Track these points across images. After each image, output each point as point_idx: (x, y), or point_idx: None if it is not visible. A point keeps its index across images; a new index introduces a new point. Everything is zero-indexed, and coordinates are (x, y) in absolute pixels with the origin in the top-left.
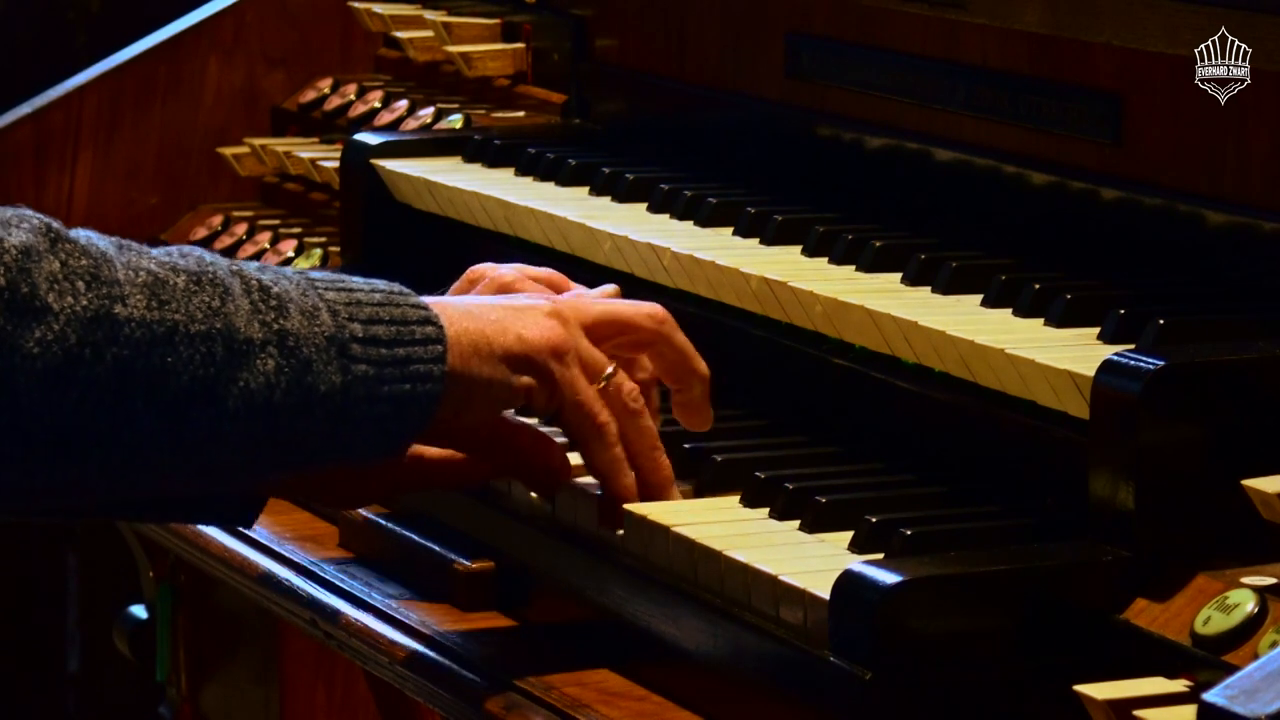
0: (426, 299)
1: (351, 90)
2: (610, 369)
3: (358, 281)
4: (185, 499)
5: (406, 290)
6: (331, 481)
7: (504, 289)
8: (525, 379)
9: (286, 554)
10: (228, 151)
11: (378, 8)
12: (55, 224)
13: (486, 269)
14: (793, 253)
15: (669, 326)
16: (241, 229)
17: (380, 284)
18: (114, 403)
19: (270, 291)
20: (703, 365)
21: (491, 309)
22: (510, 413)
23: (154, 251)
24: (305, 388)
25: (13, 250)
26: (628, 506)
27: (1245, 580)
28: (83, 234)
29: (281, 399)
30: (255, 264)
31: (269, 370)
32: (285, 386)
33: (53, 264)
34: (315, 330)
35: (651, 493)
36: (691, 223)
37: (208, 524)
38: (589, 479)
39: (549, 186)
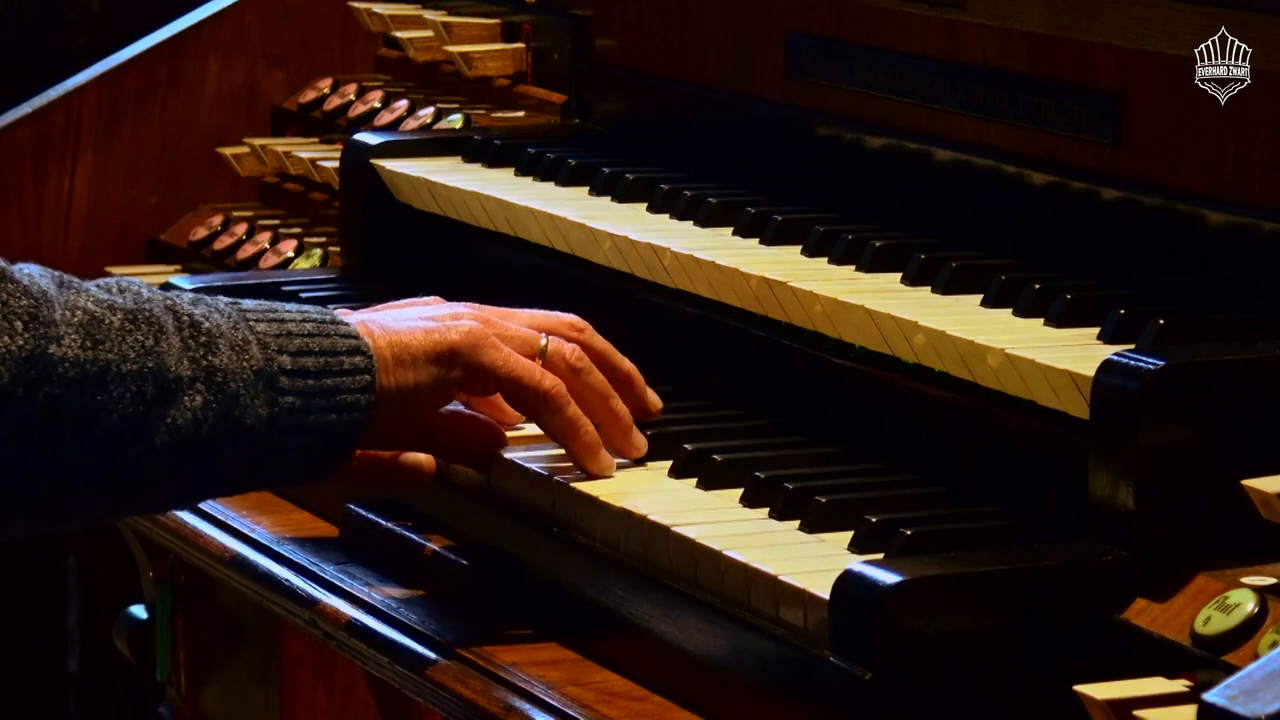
0: (354, 317)
1: (351, 90)
2: (544, 339)
3: (290, 311)
4: None
5: (339, 319)
6: None
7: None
8: (454, 373)
9: (286, 554)
10: (228, 151)
11: (378, 8)
12: (1, 262)
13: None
14: (793, 253)
15: (588, 334)
16: (241, 229)
17: (313, 313)
18: (42, 439)
19: (201, 328)
20: (626, 363)
21: (414, 317)
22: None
23: (93, 288)
24: (232, 422)
25: None
26: (629, 507)
27: (1245, 580)
28: (26, 270)
29: (209, 434)
30: (190, 296)
31: (196, 406)
32: (212, 422)
33: None
34: (244, 365)
35: (616, 442)
36: (691, 223)
37: None
38: (593, 482)
39: (549, 186)
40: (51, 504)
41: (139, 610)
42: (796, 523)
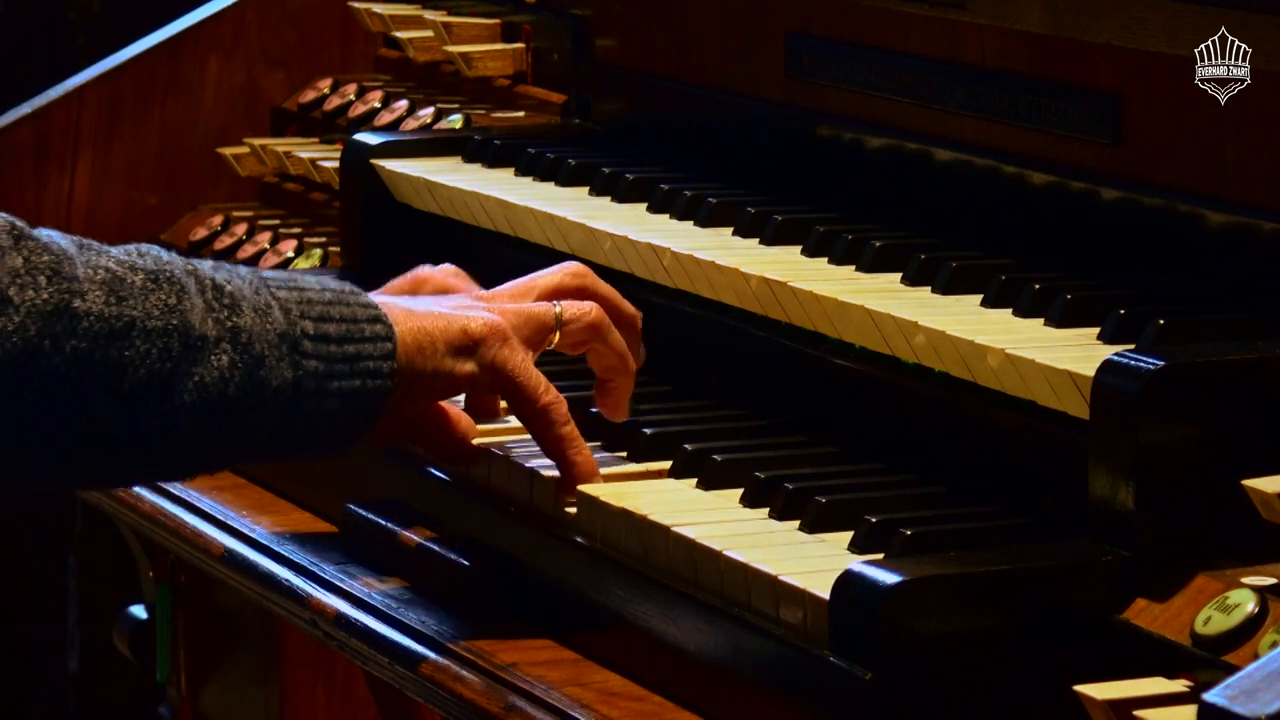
0: (373, 297)
1: (351, 90)
2: (556, 308)
3: (309, 280)
4: None
5: (357, 290)
6: None
7: (444, 290)
8: (468, 367)
9: (286, 554)
10: (228, 151)
11: (378, 8)
12: (18, 223)
13: (430, 273)
14: (793, 253)
15: (590, 278)
16: (241, 229)
17: (331, 283)
18: (72, 393)
19: (224, 290)
20: (631, 307)
21: (435, 304)
22: None
23: (113, 251)
24: (258, 383)
25: None
26: (629, 507)
27: (1245, 580)
28: (45, 233)
29: (235, 393)
30: (210, 263)
31: (223, 365)
32: (239, 381)
33: (15, 260)
34: (268, 327)
35: (620, 400)
36: (691, 223)
37: None
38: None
39: (549, 186)
40: (81, 461)
41: (139, 610)
42: (796, 523)
